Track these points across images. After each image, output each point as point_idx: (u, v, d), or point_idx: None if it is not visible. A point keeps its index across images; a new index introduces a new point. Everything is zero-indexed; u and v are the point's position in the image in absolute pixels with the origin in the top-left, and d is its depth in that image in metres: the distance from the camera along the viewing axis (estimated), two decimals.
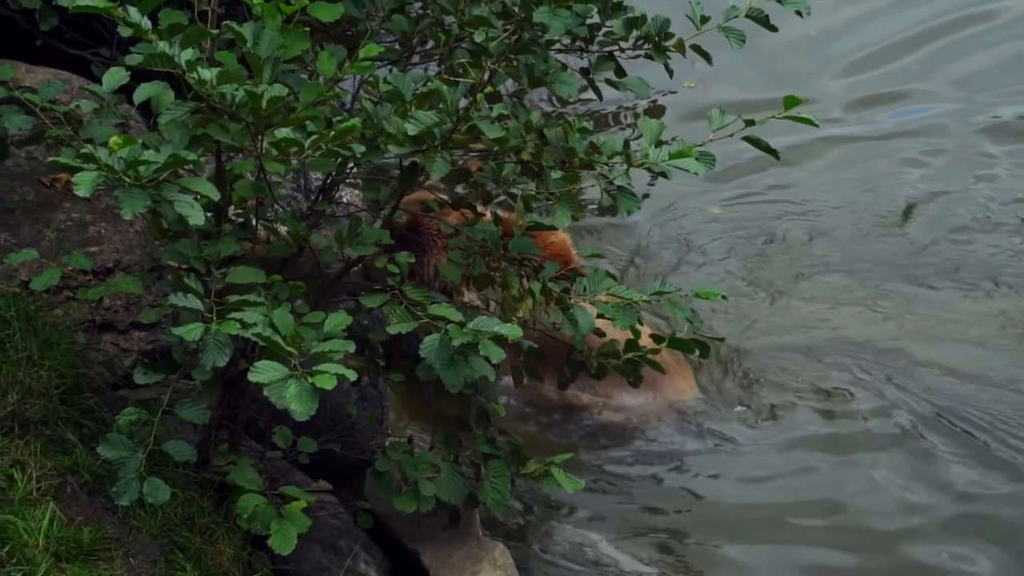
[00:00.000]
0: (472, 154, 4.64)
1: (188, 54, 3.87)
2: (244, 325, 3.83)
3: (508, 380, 5.36)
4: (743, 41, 4.86)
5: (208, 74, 3.85)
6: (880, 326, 6.85)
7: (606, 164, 4.41)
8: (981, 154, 8.20)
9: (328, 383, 3.61)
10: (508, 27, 4.41)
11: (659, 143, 4.38)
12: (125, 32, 3.94)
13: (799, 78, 8.54)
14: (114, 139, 3.77)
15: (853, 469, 5.99)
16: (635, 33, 5.05)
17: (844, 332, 6.82)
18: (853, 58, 9.04)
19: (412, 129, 4.19)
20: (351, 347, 3.85)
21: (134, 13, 3.86)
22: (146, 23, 3.88)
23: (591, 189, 4.63)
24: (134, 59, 4.06)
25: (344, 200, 6.33)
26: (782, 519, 5.77)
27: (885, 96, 8.74)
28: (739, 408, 6.34)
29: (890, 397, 6.33)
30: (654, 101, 8.39)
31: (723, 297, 4.76)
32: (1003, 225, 7.60)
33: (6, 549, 3.93)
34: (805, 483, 5.95)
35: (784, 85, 8.41)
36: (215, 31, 4.10)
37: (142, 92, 4.11)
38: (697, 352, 4.85)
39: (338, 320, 3.99)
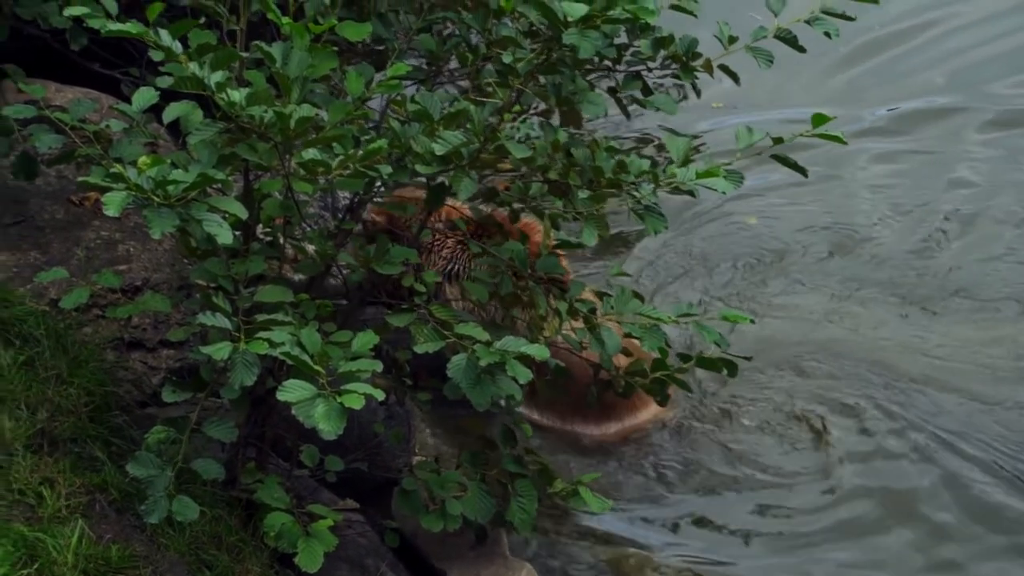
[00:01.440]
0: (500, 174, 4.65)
1: (218, 76, 3.88)
2: (272, 344, 3.83)
3: None
4: (771, 62, 4.86)
5: (237, 95, 3.86)
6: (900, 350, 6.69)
7: (633, 183, 4.40)
8: (974, 148, 8.12)
9: (356, 403, 3.61)
10: (535, 47, 4.41)
11: (686, 161, 4.38)
12: (157, 56, 3.96)
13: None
14: (143, 159, 3.79)
15: (869, 527, 5.80)
16: (662, 53, 5.04)
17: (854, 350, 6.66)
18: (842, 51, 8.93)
19: (440, 149, 4.19)
20: (378, 366, 3.85)
21: (165, 36, 3.89)
22: (176, 46, 3.90)
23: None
24: (164, 82, 4.08)
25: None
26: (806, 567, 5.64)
27: (877, 91, 8.68)
28: (744, 429, 6.23)
29: (912, 439, 6.12)
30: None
31: (751, 321, 4.73)
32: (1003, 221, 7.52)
33: (35, 566, 3.94)
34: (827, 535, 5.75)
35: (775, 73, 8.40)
36: (244, 54, 4.12)
37: (171, 111, 4.13)
38: (725, 371, 4.83)
39: (365, 339, 4.00)
